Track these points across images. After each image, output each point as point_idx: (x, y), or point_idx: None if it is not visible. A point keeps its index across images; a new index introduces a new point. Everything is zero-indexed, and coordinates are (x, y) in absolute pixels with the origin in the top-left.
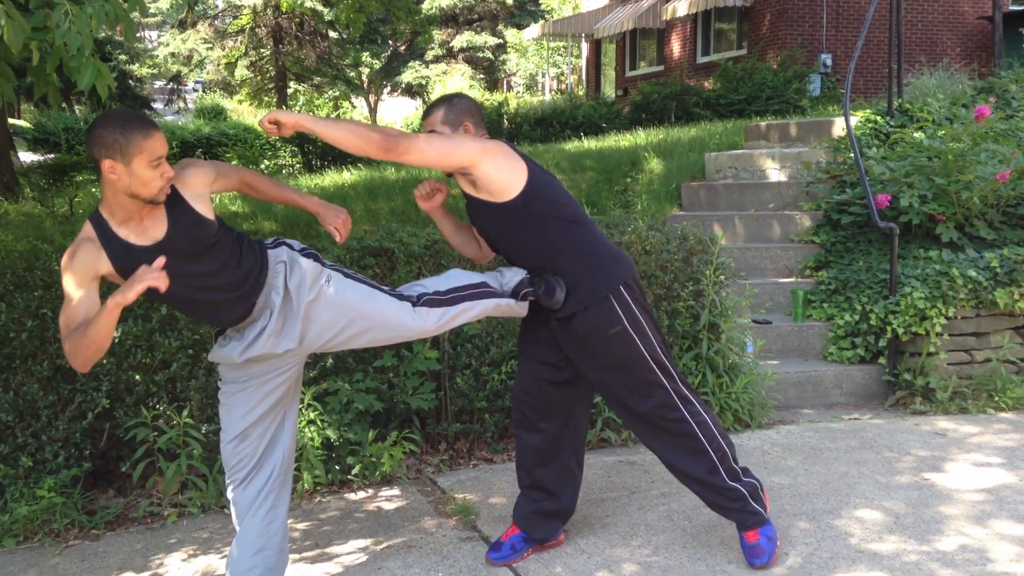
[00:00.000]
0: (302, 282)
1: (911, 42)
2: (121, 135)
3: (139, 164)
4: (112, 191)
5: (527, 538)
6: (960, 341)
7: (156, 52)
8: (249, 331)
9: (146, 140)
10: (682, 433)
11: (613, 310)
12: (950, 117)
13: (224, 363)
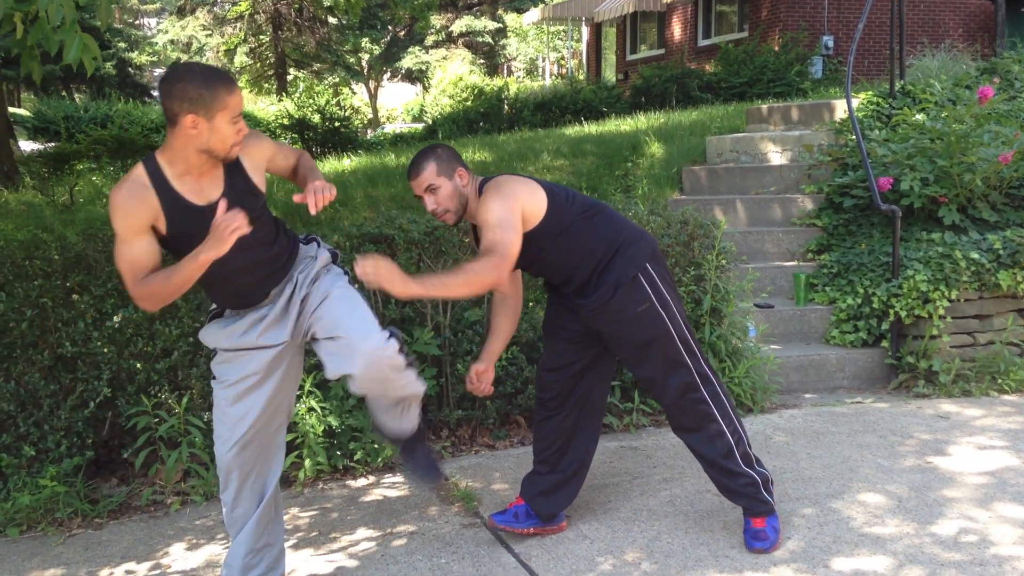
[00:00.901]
0: (309, 272)
1: (913, 23)
2: (206, 89)
3: (221, 120)
4: (183, 144)
5: (530, 511)
6: (963, 324)
7: (155, 39)
8: (249, 316)
9: (230, 96)
10: (701, 414)
11: (642, 288)
12: (952, 98)
13: (213, 345)
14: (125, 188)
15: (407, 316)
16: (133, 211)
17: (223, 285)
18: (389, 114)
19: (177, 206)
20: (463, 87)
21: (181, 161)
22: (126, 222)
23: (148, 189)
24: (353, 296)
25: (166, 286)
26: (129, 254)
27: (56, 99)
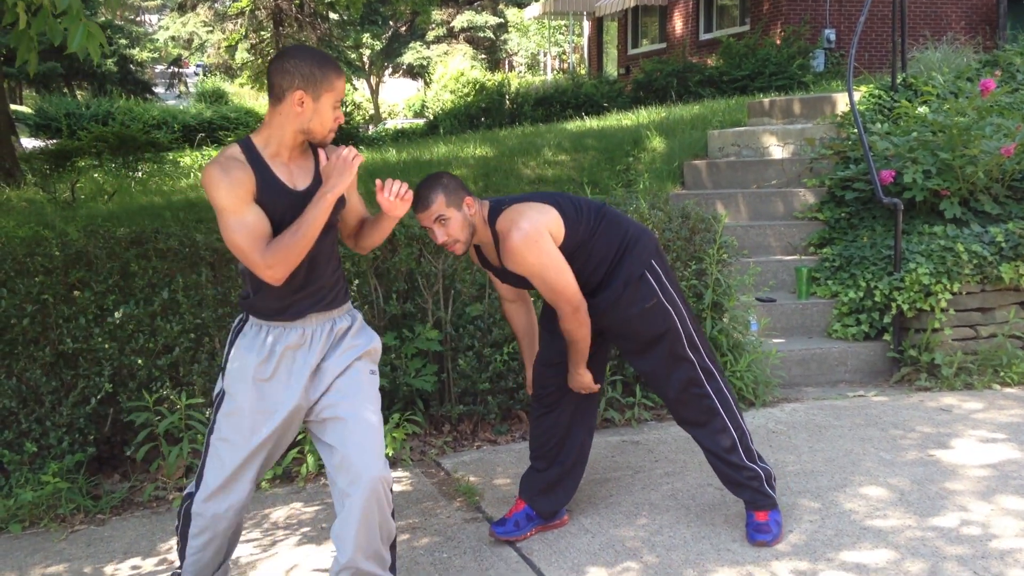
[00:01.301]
0: (362, 342)
1: (915, 16)
2: (319, 69)
3: (326, 101)
4: (283, 123)
5: (531, 514)
6: (965, 317)
7: (156, 36)
8: (277, 342)
9: (338, 80)
10: (704, 408)
11: (649, 284)
12: (955, 91)
13: (239, 374)
14: (221, 162)
15: (408, 312)
16: (236, 181)
17: (305, 275)
18: (391, 110)
19: (270, 184)
20: (464, 82)
21: (276, 142)
22: (232, 192)
23: (244, 164)
24: (378, 417)
25: (297, 242)
26: (244, 224)
27: (58, 96)
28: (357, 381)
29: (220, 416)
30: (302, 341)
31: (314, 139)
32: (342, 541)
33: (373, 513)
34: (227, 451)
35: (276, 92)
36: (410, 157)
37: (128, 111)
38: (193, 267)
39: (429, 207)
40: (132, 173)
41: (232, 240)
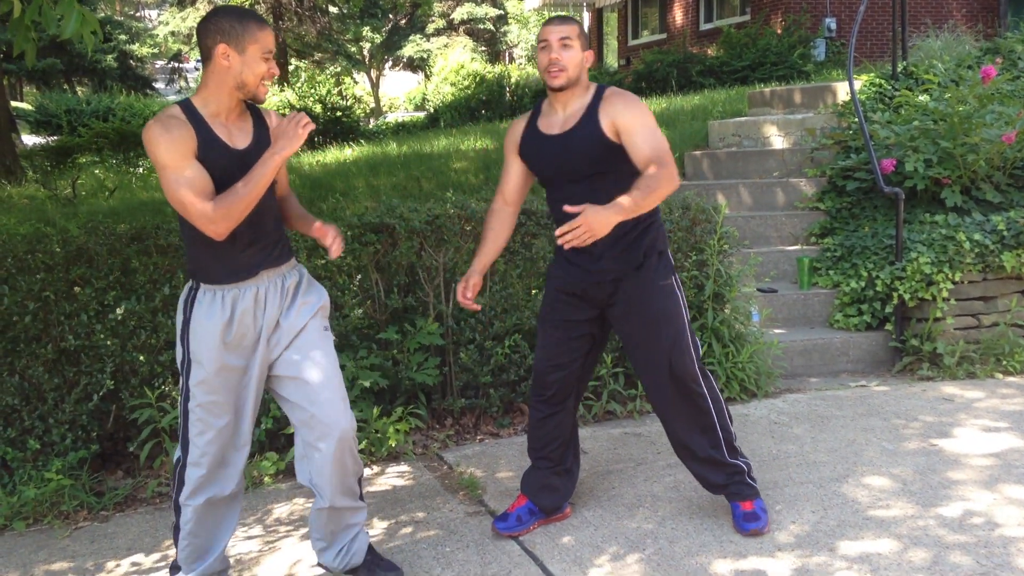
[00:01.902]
0: (314, 300)
1: (916, 4)
2: (239, 23)
3: (253, 53)
4: (217, 81)
5: (533, 509)
6: (967, 306)
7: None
8: (241, 299)
9: (261, 31)
10: (696, 407)
11: (668, 263)
12: (955, 79)
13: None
14: (163, 121)
15: (409, 305)
16: (177, 138)
17: (248, 233)
18: (391, 103)
19: (210, 142)
20: (465, 75)
21: (214, 102)
22: (172, 149)
23: (184, 122)
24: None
25: (242, 198)
26: (186, 179)
27: (58, 92)
28: (314, 340)
29: (192, 385)
30: (257, 300)
31: (248, 92)
32: (320, 488)
33: (346, 460)
34: (209, 415)
35: (204, 52)
36: (410, 150)
37: (129, 107)
38: None
39: (566, 24)
40: (133, 169)
41: (176, 196)
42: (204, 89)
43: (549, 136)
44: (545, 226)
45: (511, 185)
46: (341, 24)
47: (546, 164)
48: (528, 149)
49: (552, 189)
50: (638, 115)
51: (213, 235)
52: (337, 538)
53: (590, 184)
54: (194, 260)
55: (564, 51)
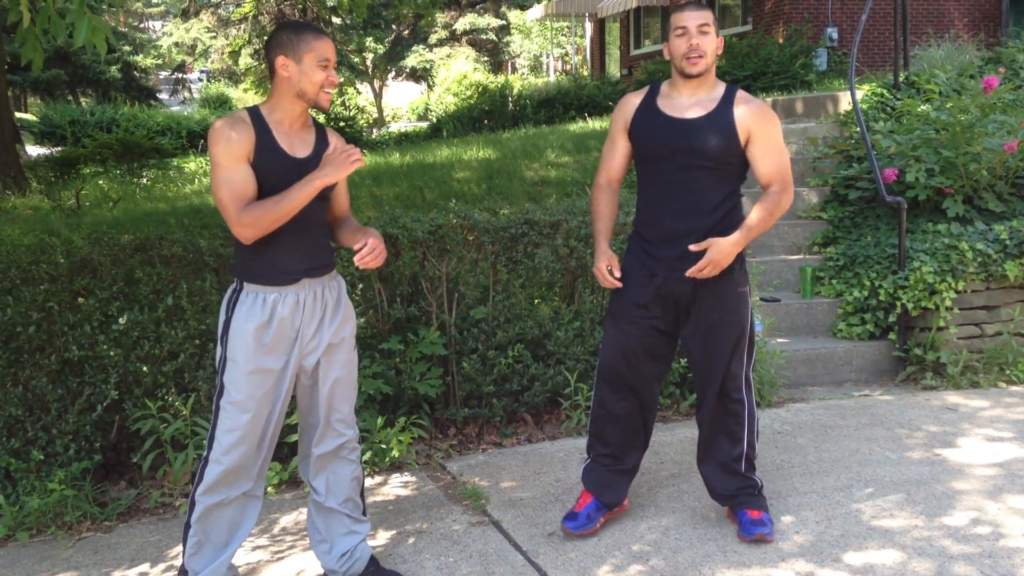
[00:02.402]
0: (351, 315)
1: (917, 13)
2: (295, 34)
3: (309, 62)
4: (280, 90)
5: (599, 505)
6: (970, 315)
7: (160, 42)
8: (283, 303)
9: (317, 40)
10: (731, 413)
11: (745, 270)
12: (957, 88)
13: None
14: (227, 120)
15: (412, 315)
16: (234, 139)
17: (299, 239)
18: (394, 113)
19: (269, 147)
20: (467, 85)
21: (279, 110)
22: (227, 149)
23: (248, 124)
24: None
25: (273, 211)
26: (230, 181)
27: (62, 103)
28: (347, 356)
29: (227, 382)
30: (296, 307)
31: (309, 100)
32: (318, 488)
33: (349, 469)
34: (239, 413)
35: (269, 66)
36: (413, 160)
37: (132, 118)
38: (197, 273)
39: (702, 10)
40: (137, 180)
41: (216, 194)
42: (270, 99)
43: (673, 118)
44: (547, 235)
45: (617, 163)
46: (344, 35)
47: (663, 144)
48: (643, 127)
49: (651, 172)
50: (773, 131)
51: (240, 238)
52: (339, 541)
53: (694, 173)
54: (240, 259)
55: (703, 37)
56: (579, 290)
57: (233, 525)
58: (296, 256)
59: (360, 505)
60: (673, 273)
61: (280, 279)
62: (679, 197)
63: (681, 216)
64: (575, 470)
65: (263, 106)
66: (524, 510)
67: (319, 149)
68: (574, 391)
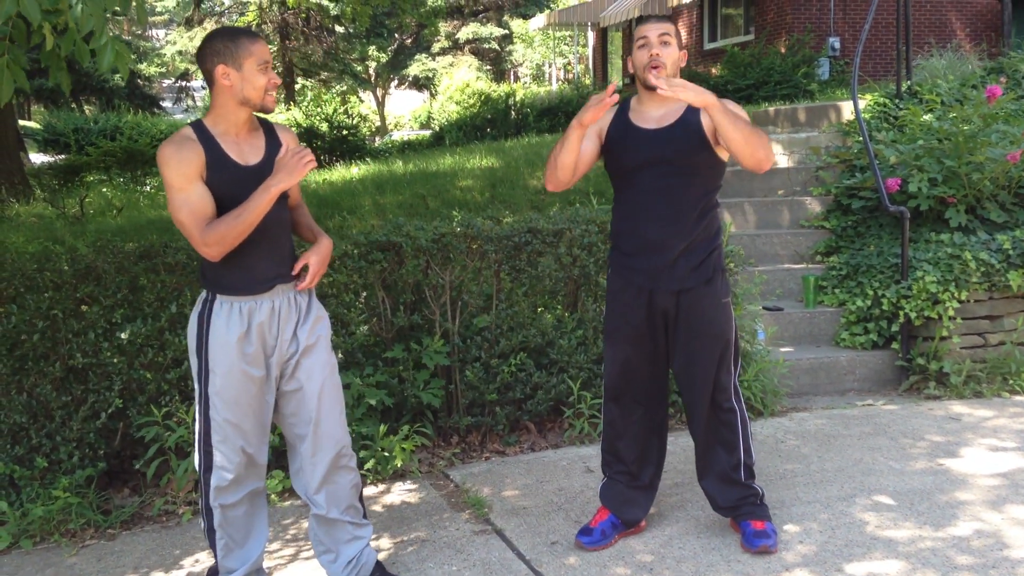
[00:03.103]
0: (323, 316)
1: (919, 23)
2: (231, 41)
3: (249, 67)
4: (223, 100)
5: (616, 523)
6: (973, 324)
7: (163, 51)
8: (258, 311)
9: (253, 44)
10: (724, 423)
11: (727, 282)
12: (960, 98)
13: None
14: (173, 142)
15: (415, 323)
16: (184, 160)
17: (252, 246)
18: (397, 121)
19: (220, 161)
20: (470, 93)
21: (223, 120)
22: (179, 171)
23: (195, 142)
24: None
25: (235, 226)
26: (188, 202)
27: (66, 111)
28: (322, 357)
29: (212, 394)
30: (272, 313)
31: (254, 106)
32: (316, 502)
33: (343, 475)
34: (228, 423)
35: (207, 77)
36: (416, 168)
37: (136, 126)
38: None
39: (664, 22)
40: (140, 188)
41: (176, 217)
42: (213, 111)
43: (646, 130)
44: (550, 244)
45: (582, 157)
46: (347, 44)
47: (638, 154)
48: (618, 140)
49: (628, 183)
50: (735, 109)
51: (207, 256)
52: (344, 549)
53: (670, 180)
54: (210, 271)
55: (663, 48)
56: (582, 299)
57: (253, 519)
58: (268, 263)
59: (360, 509)
60: (658, 284)
61: (255, 287)
62: (657, 205)
63: (659, 223)
64: (578, 479)
65: (207, 119)
66: (527, 519)
67: (271, 151)
68: (577, 399)
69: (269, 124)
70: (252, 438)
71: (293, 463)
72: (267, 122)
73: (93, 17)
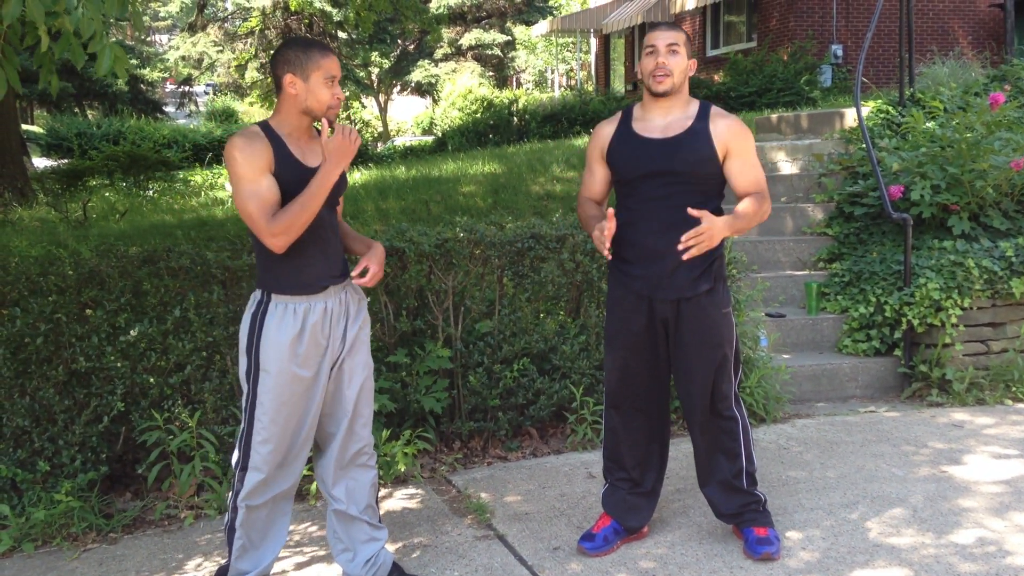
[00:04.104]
0: (367, 317)
1: (922, 31)
2: (303, 52)
3: (316, 80)
4: (287, 107)
5: (619, 529)
6: (976, 332)
7: (167, 56)
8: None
9: (324, 59)
10: (725, 431)
11: (728, 292)
12: (962, 106)
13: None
14: (244, 136)
15: (418, 329)
16: (255, 153)
17: (304, 247)
18: (399, 127)
19: (285, 158)
20: (472, 99)
21: (286, 124)
22: (250, 163)
23: (263, 138)
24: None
25: (300, 214)
26: (257, 193)
27: (69, 116)
28: (364, 358)
29: (261, 393)
30: (325, 315)
31: (316, 117)
32: (337, 497)
33: (368, 474)
34: (274, 424)
35: (276, 83)
36: (419, 174)
37: (139, 130)
38: (205, 285)
39: (674, 31)
40: (143, 192)
41: (244, 207)
42: (278, 115)
43: (650, 139)
44: (553, 250)
45: (597, 188)
46: (350, 49)
47: (641, 165)
48: (620, 150)
49: (631, 192)
50: (749, 146)
51: (273, 248)
52: (363, 548)
53: (673, 189)
54: (266, 271)
55: (671, 56)
56: (585, 304)
57: (274, 522)
58: (321, 265)
59: (377, 512)
60: (657, 292)
61: (309, 288)
62: (659, 214)
63: (661, 232)
64: (580, 484)
65: (272, 120)
66: (529, 524)
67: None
68: (579, 405)
69: (319, 131)
70: (296, 440)
71: (317, 458)
72: (320, 130)
73: (94, 21)
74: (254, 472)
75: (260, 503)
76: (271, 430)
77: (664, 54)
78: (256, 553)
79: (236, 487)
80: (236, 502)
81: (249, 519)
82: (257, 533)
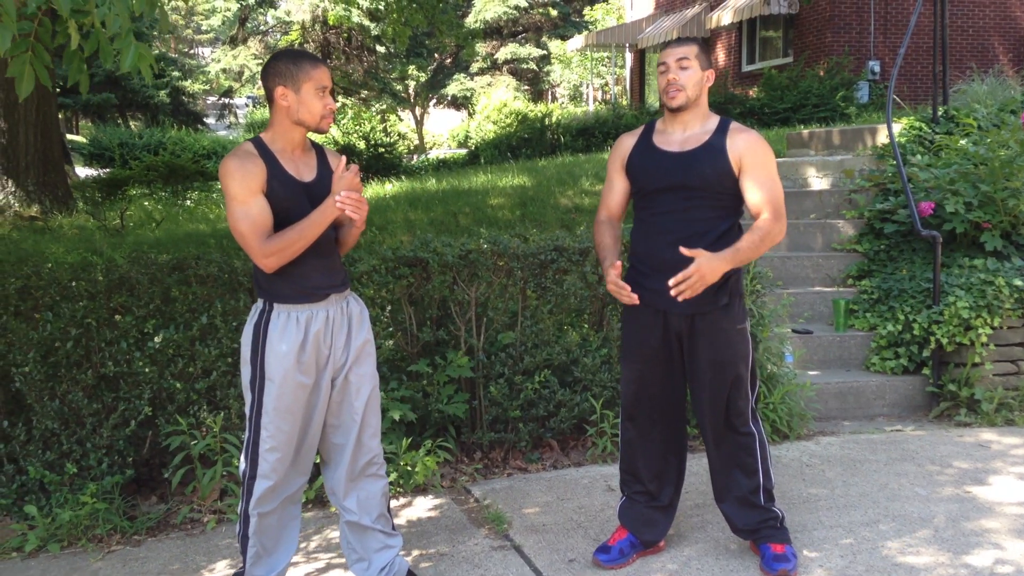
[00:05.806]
0: (370, 332)
1: (961, 48)
2: (293, 64)
3: (307, 91)
4: (280, 119)
5: (635, 542)
6: (1006, 351)
7: (208, 68)
8: (314, 321)
9: (314, 69)
10: (742, 447)
11: (744, 307)
12: (997, 123)
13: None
14: (237, 156)
15: (441, 339)
16: (249, 173)
17: (303, 258)
18: (435, 140)
19: (279, 175)
20: (507, 113)
21: (280, 138)
22: (243, 184)
23: (257, 157)
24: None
25: (296, 240)
26: (249, 215)
27: (112, 126)
28: (368, 369)
29: (266, 401)
30: (327, 323)
31: (309, 128)
32: (348, 509)
33: (377, 484)
34: (279, 431)
35: (267, 96)
36: (449, 186)
37: (179, 141)
38: (232, 293)
39: (683, 45)
40: (181, 201)
41: (236, 228)
42: (270, 129)
43: (667, 152)
44: (576, 262)
45: (616, 200)
46: (387, 63)
47: (659, 178)
48: (639, 163)
49: (648, 204)
50: (765, 161)
51: (264, 268)
52: (377, 557)
53: (691, 203)
54: (268, 281)
55: (682, 72)
56: (607, 317)
57: (285, 527)
58: (321, 274)
59: (390, 520)
60: (672, 306)
61: (311, 297)
62: (676, 227)
63: (676, 246)
64: (599, 497)
65: (264, 135)
66: (546, 536)
67: (323, 171)
68: (600, 418)
69: (319, 146)
70: (302, 446)
71: (328, 472)
72: (317, 143)
73: (120, 17)
74: (263, 480)
75: (270, 509)
76: (278, 438)
77: (675, 70)
78: (270, 559)
79: (246, 496)
80: (247, 511)
81: (261, 526)
82: (270, 539)
